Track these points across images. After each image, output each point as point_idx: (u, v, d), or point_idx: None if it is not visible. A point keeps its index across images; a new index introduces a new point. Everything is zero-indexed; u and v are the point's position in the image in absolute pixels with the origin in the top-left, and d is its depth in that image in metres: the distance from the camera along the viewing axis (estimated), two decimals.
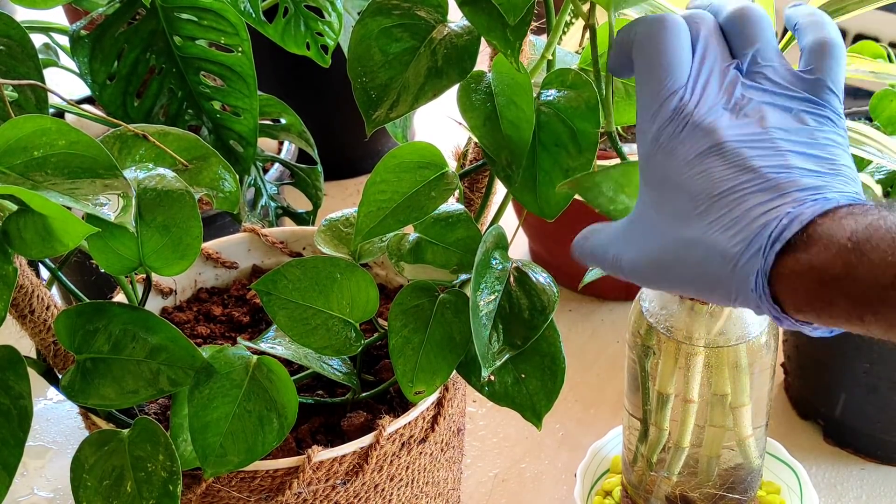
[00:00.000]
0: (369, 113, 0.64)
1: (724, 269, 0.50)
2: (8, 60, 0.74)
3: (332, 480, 0.68)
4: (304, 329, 0.67)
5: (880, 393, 0.96)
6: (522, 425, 1.05)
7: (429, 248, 0.69)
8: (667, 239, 0.52)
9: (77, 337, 0.62)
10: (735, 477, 0.83)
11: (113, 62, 0.85)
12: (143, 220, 0.63)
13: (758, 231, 0.49)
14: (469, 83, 0.64)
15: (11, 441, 0.58)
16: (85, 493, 0.62)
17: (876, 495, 0.99)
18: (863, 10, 0.78)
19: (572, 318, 1.21)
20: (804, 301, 0.48)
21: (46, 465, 1.05)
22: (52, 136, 0.55)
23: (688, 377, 0.77)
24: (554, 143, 0.64)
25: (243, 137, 0.88)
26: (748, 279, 0.49)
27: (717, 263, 0.50)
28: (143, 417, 0.62)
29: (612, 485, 0.94)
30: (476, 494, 1.00)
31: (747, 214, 0.49)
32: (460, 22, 0.64)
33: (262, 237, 0.87)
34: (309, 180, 1.04)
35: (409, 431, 0.71)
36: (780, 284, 0.48)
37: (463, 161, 0.73)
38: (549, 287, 0.66)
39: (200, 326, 0.82)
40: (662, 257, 0.53)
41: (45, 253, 0.55)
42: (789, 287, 0.48)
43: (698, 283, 0.52)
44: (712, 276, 0.51)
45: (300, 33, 0.90)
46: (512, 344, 0.64)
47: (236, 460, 0.63)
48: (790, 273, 0.48)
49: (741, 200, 0.50)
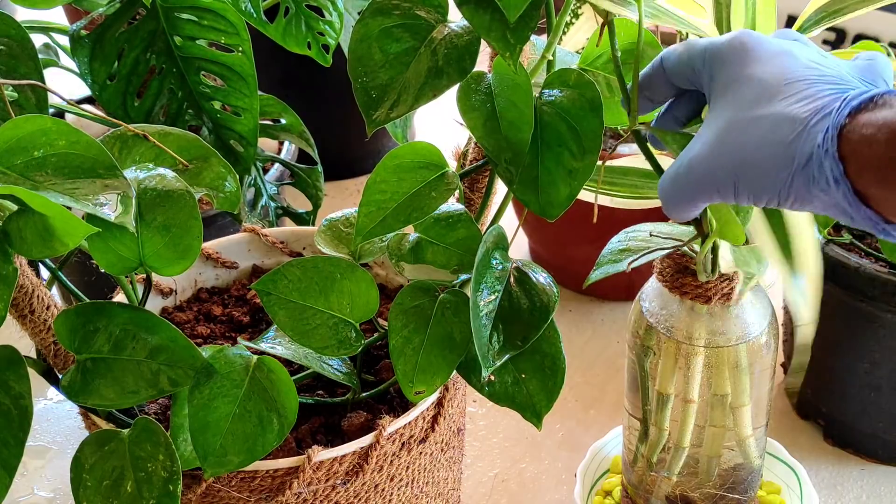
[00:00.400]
0: (370, 113, 0.64)
1: (792, 132, 0.53)
2: (8, 60, 0.74)
3: (332, 480, 0.68)
4: (304, 329, 0.67)
5: (881, 393, 0.96)
6: (522, 425, 1.05)
7: (429, 248, 0.69)
8: (733, 121, 0.56)
9: (77, 337, 0.62)
10: (735, 477, 0.83)
11: (113, 62, 0.85)
12: (144, 220, 0.62)
13: (829, 101, 0.52)
14: (469, 84, 0.64)
15: (11, 441, 0.58)
16: (85, 493, 0.62)
17: (876, 495, 0.99)
18: (863, 11, 0.78)
19: (572, 318, 1.21)
20: (871, 160, 0.50)
21: (46, 465, 1.05)
22: (52, 136, 0.55)
23: (688, 377, 0.77)
24: (557, 143, 0.64)
25: (243, 137, 0.88)
26: (817, 136, 0.52)
27: (786, 130, 0.53)
28: (143, 417, 0.62)
29: (612, 485, 0.94)
30: (476, 494, 1.00)
31: (819, 92, 0.54)
32: (460, 22, 0.64)
33: (262, 237, 0.87)
34: (309, 180, 1.04)
35: (409, 431, 0.71)
36: (848, 145, 0.51)
37: (463, 161, 0.73)
38: (549, 287, 0.66)
39: (200, 326, 0.82)
40: (726, 137, 0.56)
41: (45, 253, 0.55)
42: (857, 145, 0.51)
43: (759, 156, 0.54)
44: (777, 144, 0.53)
45: (301, 33, 0.91)
46: (512, 344, 0.64)
47: (236, 460, 0.63)
48: (862, 126, 0.51)
49: (812, 84, 0.54)
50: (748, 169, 0.55)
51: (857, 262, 0.91)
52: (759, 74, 0.56)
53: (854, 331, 0.94)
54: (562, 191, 0.64)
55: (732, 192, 0.57)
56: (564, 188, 0.64)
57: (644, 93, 0.65)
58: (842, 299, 0.93)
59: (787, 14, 1.28)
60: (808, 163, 0.52)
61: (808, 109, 0.53)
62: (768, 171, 0.54)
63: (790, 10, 1.27)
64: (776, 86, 0.55)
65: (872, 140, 0.50)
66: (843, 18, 0.78)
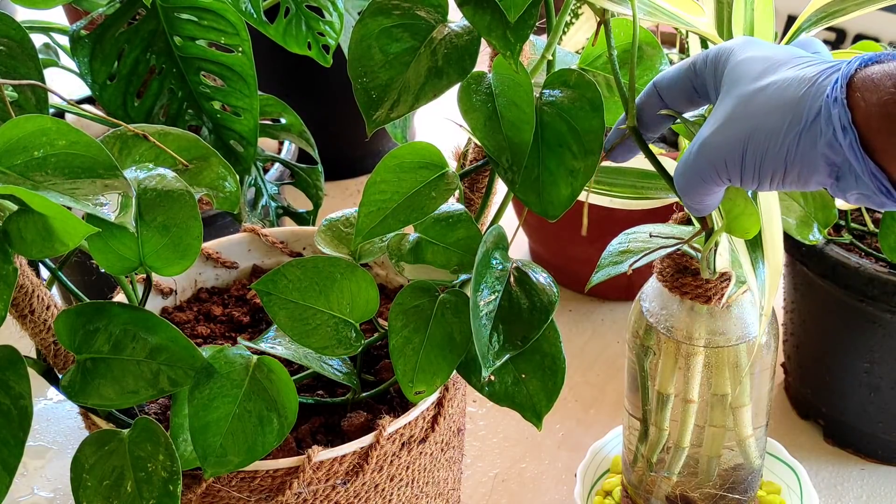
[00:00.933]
0: (370, 113, 0.64)
1: (801, 90, 0.54)
2: (8, 60, 0.74)
3: (332, 480, 0.68)
4: (304, 329, 0.67)
5: (881, 393, 0.96)
6: (522, 425, 1.05)
7: (429, 248, 0.69)
8: (741, 94, 0.57)
9: (77, 337, 0.62)
10: (735, 477, 0.83)
11: (113, 62, 0.85)
12: (144, 220, 0.63)
13: (837, 63, 0.55)
14: (470, 84, 0.64)
15: (11, 441, 0.58)
16: (85, 493, 0.62)
17: (876, 495, 0.99)
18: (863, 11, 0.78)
19: (572, 318, 1.21)
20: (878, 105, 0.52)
21: (46, 465, 1.05)
22: (52, 136, 0.55)
23: (688, 377, 0.77)
24: (558, 143, 0.64)
25: (244, 137, 0.88)
26: (825, 88, 0.53)
27: (794, 88, 0.55)
28: (143, 417, 0.62)
29: (612, 485, 0.94)
30: (476, 494, 1.00)
31: (826, 60, 0.56)
32: (460, 22, 0.64)
33: (262, 237, 0.87)
34: (309, 180, 1.04)
35: (409, 431, 0.71)
36: (856, 92, 0.53)
37: (463, 161, 0.73)
38: (549, 287, 0.66)
39: (200, 326, 0.82)
40: (734, 111, 0.57)
41: (45, 253, 0.55)
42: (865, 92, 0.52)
43: (767, 119, 0.55)
44: (785, 104, 0.55)
45: (301, 33, 0.91)
46: (512, 344, 0.64)
47: (236, 460, 0.63)
48: (870, 74, 0.52)
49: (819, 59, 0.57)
50: (756, 137, 0.56)
51: (857, 262, 0.91)
52: (766, 53, 0.58)
53: (854, 331, 0.94)
54: (563, 191, 0.64)
55: (740, 166, 0.57)
56: (566, 188, 0.64)
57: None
58: (842, 299, 0.93)
59: (787, 14, 1.28)
60: (817, 117, 0.53)
61: (817, 70, 0.55)
62: (776, 133, 0.55)
63: (790, 10, 1.27)
64: (784, 59, 0.57)
65: (880, 85, 0.52)
66: (843, 18, 0.78)
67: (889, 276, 0.89)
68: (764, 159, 0.56)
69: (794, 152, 0.55)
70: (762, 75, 0.57)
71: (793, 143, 0.54)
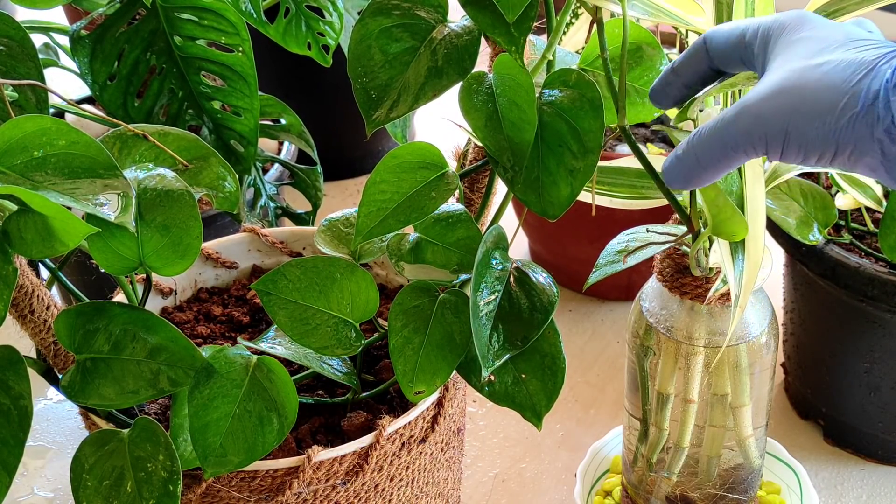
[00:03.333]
0: (369, 113, 0.64)
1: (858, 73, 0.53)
2: (8, 60, 0.74)
3: (332, 480, 0.68)
4: (304, 329, 0.67)
5: (881, 393, 0.96)
6: (522, 425, 1.05)
7: (429, 248, 0.69)
8: (794, 69, 0.56)
9: (77, 337, 0.62)
10: (735, 477, 0.83)
11: (113, 62, 0.85)
12: (144, 220, 0.63)
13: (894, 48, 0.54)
14: (470, 84, 0.64)
15: (11, 441, 0.58)
16: (85, 493, 0.62)
17: (876, 495, 0.99)
18: (863, 11, 0.78)
19: (572, 318, 1.21)
20: None
21: (46, 465, 1.05)
22: (52, 136, 0.55)
23: (688, 377, 0.77)
24: (558, 143, 0.64)
25: (244, 137, 0.88)
26: (885, 73, 0.52)
27: (851, 70, 0.54)
28: (143, 417, 0.62)
29: (612, 485, 0.94)
30: (476, 494, 1.00)
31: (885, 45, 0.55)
32: (460, 22, 0.64)
33: (262, 237, 0.87)
34: (308, 181, 1.04)
35: (409, 431, 0.71)
36: None
37: (463, 161, 0.73)
38: (549, 287, 0.66)
39: (200, 326, 0.82)
40: (784, 83, 0.55)
41: (45, 253, 0.55)
42: None
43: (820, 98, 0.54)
44: (840, 85, 0.54)
45: (301, 33, 0.91)
46: (512, 344, 0.64)
47: (236, 460, 0.63)
48: None
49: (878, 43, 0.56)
50: (806, 112, 0.54)
51: (857, 262, 0.91)
52: (822, 34, 0.57)
53: (854, 331, 0.94)
54: (563, 191, 0.64)
55: (781, 143, 0.55)
56: (566, 188, 0.64)
57: (680, 80, 0.63)
58: (842, 299, 0.93)
59: None
60: (875, 102, 0.52)
61: (875, 54, 0.54)
62: (827, 113, 0.54)
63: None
64: (841, 40, 0.56)
65: None
66: (842, 19, 0.78)
67: (889, 276, 0.89)
68: (812, 140, 0.54)
69: (848, 135, 0.53)
70: (818, 54, 0.55)
71: (847, 125, 0.53)
